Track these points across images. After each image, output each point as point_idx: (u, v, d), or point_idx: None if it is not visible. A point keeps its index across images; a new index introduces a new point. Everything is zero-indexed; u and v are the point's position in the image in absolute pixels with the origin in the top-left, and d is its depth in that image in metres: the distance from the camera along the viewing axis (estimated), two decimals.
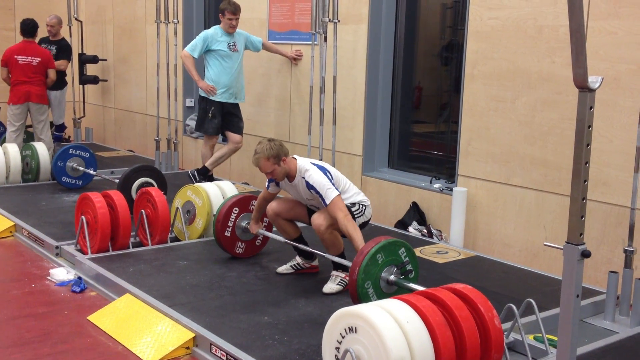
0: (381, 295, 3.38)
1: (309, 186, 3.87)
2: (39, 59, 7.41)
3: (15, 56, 7.31)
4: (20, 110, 7.37)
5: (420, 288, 3.28)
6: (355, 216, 3.93)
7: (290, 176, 3.98)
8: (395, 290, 3.43)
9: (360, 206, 4.01)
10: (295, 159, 3.98)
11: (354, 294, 3.35)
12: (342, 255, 3.98)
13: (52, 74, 7.58)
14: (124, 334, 3.45)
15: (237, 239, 4.51)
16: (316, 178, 3.85)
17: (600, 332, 3.63)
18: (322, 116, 5.97)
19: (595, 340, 3.40)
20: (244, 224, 4.48)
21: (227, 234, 4.45)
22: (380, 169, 6.11)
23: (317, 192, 3.83)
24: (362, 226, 4.01)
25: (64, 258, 4.64)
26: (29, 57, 7.36)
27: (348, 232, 3.69)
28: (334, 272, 4.03)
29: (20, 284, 4.21)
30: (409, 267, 3.48)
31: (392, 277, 3.43)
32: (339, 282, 3.99)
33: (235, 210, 4.46)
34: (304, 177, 3.90)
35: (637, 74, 3.98)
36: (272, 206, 4.17)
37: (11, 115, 7.39)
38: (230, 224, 4.44)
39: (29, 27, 7.45)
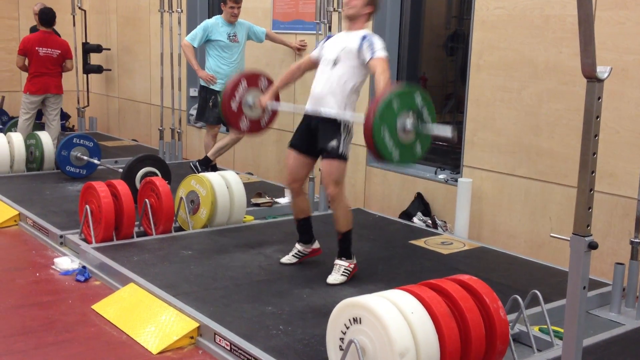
0: (398, 143, 3.34)
1: (364, 37, 3.85)
2: (59, 51, 7.40)
3: (37, 47, 7.28)
4: (37, 100, 7.38)
5: (440, 130, 3.37)
6: (343, 154, 3.92)
7: (356, 23, 3.96)
8: (413, 140, 3.39)
9: (346, 137, 3.94)
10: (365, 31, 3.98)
11: (370, 142, 3.29)
12: (348, 236, 3.95)
13: (69, 64, 7.60)
14: (128, 323, 3.45)
15: (242, 114, 4.42)
16: (377, 39, 3.86)
17: (606, 323, 3.62)
18: None
19: (601, 332, 3.39)
20: (251, 99, 4.40)
21: (234, 106, 4.35)
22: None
23: (370, 45, 3.81)
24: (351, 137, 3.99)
25: (68, 247, 4.64)
26: (50, 49, 7.34)
27: (384, 80, 3.66)
28: (337, 262, 4.01)
29: (24, 273, 4.22)
30: (425, 113, 3.42)
31: (408, 125, 3.36)
32: (343, 272, 3.97)
33: (244, 82, 4.37)
34: (365, 35, 3.88)
35: None
36: (287, 179, 4.16)
37: (26, 104, 7.38)
38: (237, 96, 4.35)
39: (48, 17, 7.40)
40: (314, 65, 4.17)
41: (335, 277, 3.96)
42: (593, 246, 2.50)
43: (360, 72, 3.92)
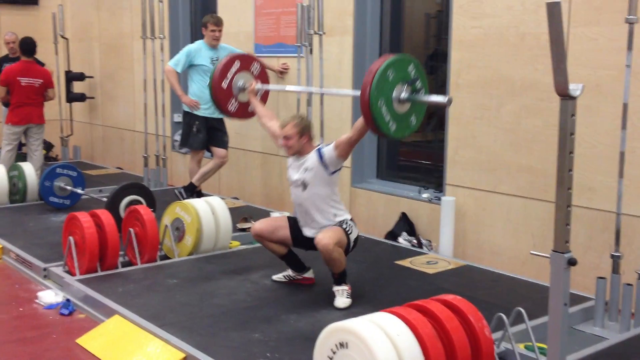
0: (394, 114, 3.40)
1: (320, 153, 3.92)
2: (41, 81, 7.42)
3: (18, 78, 7.28)
4: (20, 130, 7.39)
5: (435, 97, 3.43)
6: (348, 232, 3.95)
7: (304, 151, 4.00)
8: (408, 110, 3.46)
9: (349, 223, 4.01)
10: (318, 146, 4.03)
11: (368, 115, 3.34)
12: (344, 271, 3.97)
13: (51, 93, 7.61)
14: (114, 356, 3.42)
15: (232, 95, 4.49)
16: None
17: (590, 338, 3.63)
18: None
19: (586, 347, 3.40)
20: (240, 83, 4.48)
21: (224, 85, 4.42)
22: (369, 180, 6.12)
23: (328, 145, 3.93)
24: (355, 243, 4.02)
25: (52, 280, 4.59)
26: (32, 79, 7.34)
27: (360, 125, 3.68)
28: (338, 288, 3.98)
29: (8, 308, 4.17)
30: (419, 84, 3.46)
31: (403, 95, 3.41)
32: (347, 294, 3.98)
33: (237, 64, 4.45)
34: (319, 149, 3.95)
35: (618, 79, 4.00)
36: (256, 226, 4.19)
37: (8, 135, 7.37)
38: (229, 75, 4.43)
39: (29, 46, 7.40)
40: (273, 133, 4.25)
41: (343, 301, 3.94)
42: (572, 263, 2.53)
43: (332, 181, 3.98)
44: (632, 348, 3.45)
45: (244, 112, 4.61)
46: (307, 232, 4.07)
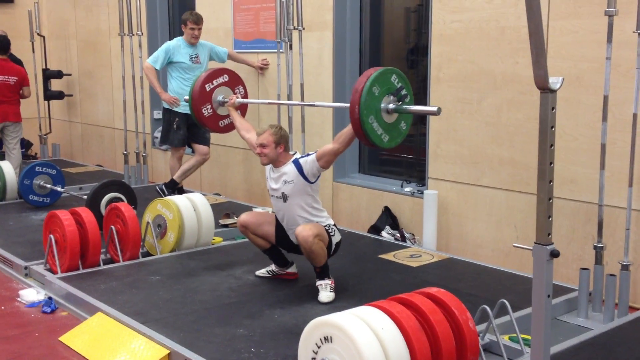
0: (385, 126, 3.48)
1: (299, 165, 3.91)
2: (16, 78, 7.36)
3: None
4: None
5: (424, 107, 3.52)
6: (330, 234, 3.96)
7: (279, 161, 3.99)
8: (397, 118, 3.53)
9: (332, 227, 4.02)
10: (294, 155, 4.02)
11: (360, 132, 3.44)
12: (326, 265, 3.97)
13: (26, 91, 7.54)
14: (97, 354, 3.39)
15: (209, 102, 4.55)
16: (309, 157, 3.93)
17: (574, 329, 3.66)
18: (291, 124, 5.95)
19: (570, 337, 3.42)
20: (220, 97, 4.57)
21: (208, 89, 4.50)
22: (351, 175, 6.12)
23: (305, 157, 3.93)
24: (337, 247, 4.02)
25: (33, 278, 4.55)
26: (6, 77, 7.28)
27: (348, 136, 3.71)
28: (321, 282, 3.98)
29: None
30: (404, 92, 3.54)
31: (391, 106, 3.49)
32: (330, 288, 3.97)
33: (225, 77, 4.56)
34: (296, 160, 3.95)
35: (599, 71, 4.04)
36: (242, 218, 4.18)
37: None
38: (215, 82, 4.53)
39: (3, 44, 7.35)
40: (252, 144, 4.20)
41: (327, 295, 3.94)
42: (555, 254, 2.53)
43: (313, 189, 3.99)
44: (615, 338, 3.48)
45: (215, 123, 4.66)
46: (292, 237, 4.07)
